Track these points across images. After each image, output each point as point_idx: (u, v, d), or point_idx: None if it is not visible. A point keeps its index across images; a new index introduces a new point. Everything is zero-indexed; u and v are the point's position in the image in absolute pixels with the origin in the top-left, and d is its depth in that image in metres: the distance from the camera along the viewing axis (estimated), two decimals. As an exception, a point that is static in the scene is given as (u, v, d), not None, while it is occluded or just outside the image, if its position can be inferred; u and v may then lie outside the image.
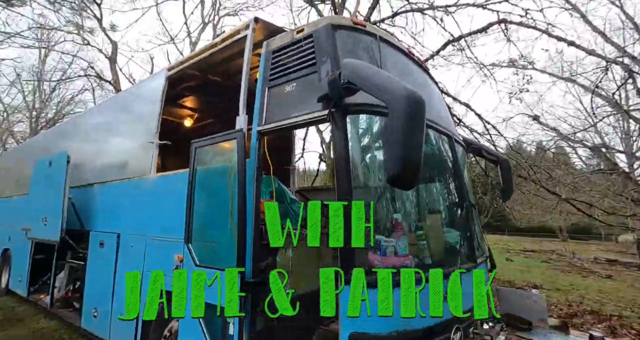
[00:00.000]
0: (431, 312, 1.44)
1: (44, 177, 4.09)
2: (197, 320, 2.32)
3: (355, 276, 1.41)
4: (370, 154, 1.89)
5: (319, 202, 1.69)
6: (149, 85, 3.56)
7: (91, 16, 10.25)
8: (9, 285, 5.41)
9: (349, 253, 1.54)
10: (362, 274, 1.46)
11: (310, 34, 2.01)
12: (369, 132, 1.87)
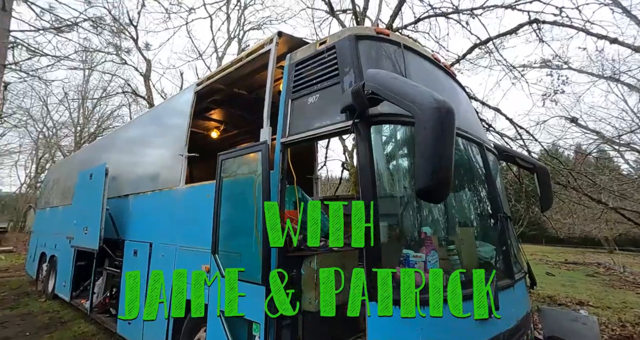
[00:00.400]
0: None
1: (85, 188, 4.38)
2: (223, 330, 2.34)
3: (381, 294, 1.36)
4: (396, 164, 1.83)
5: (341, 205, 1.65)
6: (178, 101, 3.73)
7: (128, 37, 11.05)
8: (55, 289, 5.78)
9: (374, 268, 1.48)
10: (389, 291, 1.40)
11: (333, 45, 2.01)
12: (394, 142, 1.83)
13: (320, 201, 4.63)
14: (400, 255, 1.54)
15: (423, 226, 1.63)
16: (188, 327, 2.76)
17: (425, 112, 1.15)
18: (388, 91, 1.34)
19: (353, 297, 1.54)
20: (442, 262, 1.52)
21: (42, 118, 21.48)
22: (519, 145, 5.82)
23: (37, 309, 5.34)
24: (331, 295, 2.21)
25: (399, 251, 1.60)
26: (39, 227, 7.86)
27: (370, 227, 1.53)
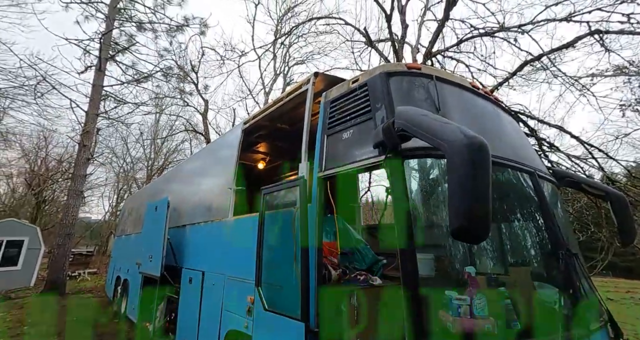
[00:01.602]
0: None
1: (152, 219, 4.91)
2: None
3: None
4: (431, 198, 1.76)
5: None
6: (228, 138, 4.09)
7: (190, 82, 12.66)
8: (126, 311, 6.38)
9: (416, 310, 1.40)
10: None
11: (365, 83, 2.08)
12: (428, 176, 1.77)
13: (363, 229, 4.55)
14: (444, 297, 1.43)
15: (466, 265, 1.50)
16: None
17: (456, 150, 1.12)
18: (417, 129, 1.34)
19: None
20: (492, 307, 1.37)
21: (122, 155, 25.02)
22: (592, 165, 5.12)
23: (112, 329, 5.92)
24: (375, 333, 2.11)
25: (441, 292, 1.49)
26: (116, 252, 8.89)
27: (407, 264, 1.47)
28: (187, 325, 3.79)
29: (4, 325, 6.19)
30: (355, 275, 2.51)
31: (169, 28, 13.90)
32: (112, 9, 12.00)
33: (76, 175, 10.51)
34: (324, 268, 2.22)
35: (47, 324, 6.28)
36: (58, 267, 9.94)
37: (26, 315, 7.06)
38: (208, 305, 3.42)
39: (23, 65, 10.84)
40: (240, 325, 2.76)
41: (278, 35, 11.90)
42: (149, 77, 13.68)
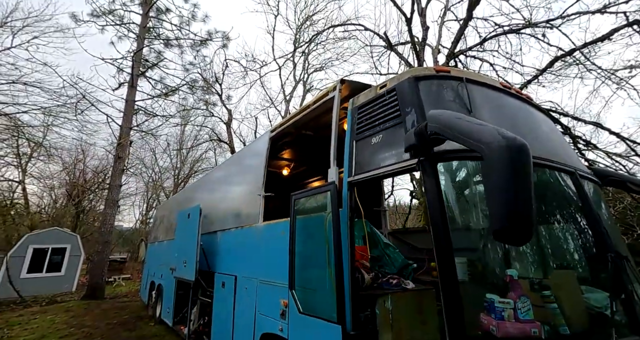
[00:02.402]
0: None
1: (184, 225, 5.13)
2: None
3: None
4: (469, 200, 1.75)
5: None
6: (255, 146, 4.23)
7: (214, 93, 13.18)
8: (161, 315, 6.66)
9: (456, 314, 1.39)
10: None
11: (393, 88, 2.12)
12: (463, 177, 1.76)
13: (389, 234, 4.52)
14: (484, 301, 1.41)
15: (507, 268, 1.47)
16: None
17: (494, 152, 1.12)
18: (452, 131, 1.35)
19: None
20: (537, 311, 1.33)
21: (151, 165, 26.27)
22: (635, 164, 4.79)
23: (148, 332, 6.19)
24: (410, 337, 2.10)
25: (481, 296, 1.47)
26: (149, 258, 9.30)
27: (445, 268, 1.46)
28: (222, 328, 3.91)
29: (53, 327, 6.65)
30: (387, 278, 2.51)
31: (193, 43, 14.62)
32: (142, 29, 12.79)
33: (112, 186, 11.17)
34: (357, 272, 2.24)
35: (90, 326, 6.67)
36: (98, 273, 10.55)
37: (71, 318, 7.54)
38: (241, 309, 3.51)
39: (65, 85, 11.79)
40: (274, 329, 2.83)
41: (297, 44, 12.18)
42: (176, 91, 14.42)
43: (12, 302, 9.93)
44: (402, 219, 11.90)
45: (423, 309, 2.27)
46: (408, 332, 2.11)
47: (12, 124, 12.51)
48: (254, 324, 3.20)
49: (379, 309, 2.18)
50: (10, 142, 14.73)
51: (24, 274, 12.46)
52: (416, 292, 2.30)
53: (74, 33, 13.19)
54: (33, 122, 13.71)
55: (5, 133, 13.24)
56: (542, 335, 1.27)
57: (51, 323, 7.02)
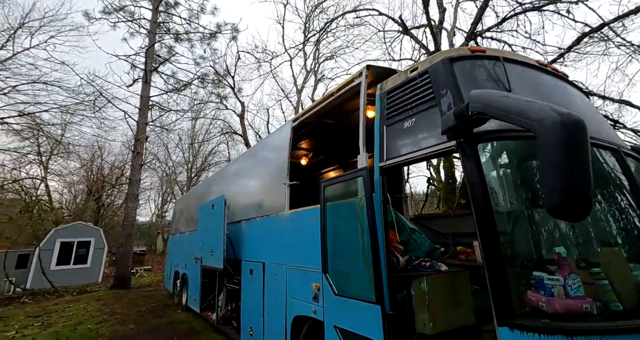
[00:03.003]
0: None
1: (208, 216, 5.27)
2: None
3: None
4: (511, 180, 1.75)
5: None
6: (278, 136, 4.27)
7: (227, 86, 13.24)
8: (187, 302, 6.93)
9: (503, 292, 1.41)
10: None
11: (426, 70, 2.10)
12: (504, 158, 1.75)
13: (411, 219, 4.54)
14: (531, 278, 1.43)
15: (553, 245, 1.48)
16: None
17: (549, 129, 1.12)
18: (499, 110, 1.34)
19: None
20: (587, 288, 1.35)
21: (165, 160, 26.77)
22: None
23: (177, 318, 6.47)
24: (445, 318, 2.15)
25: (526, 273, 1.49)
26: (172, 249, 9.61)
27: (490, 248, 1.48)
28: (251, 313, 4.06)
29: (87, 314, 7.01)
30: (419, 261, 2.55)
31: (202, 36, 14.62)
32: (153, 24, 12.86)
33: (132, 180, 11.49)
34: (392, 254, 2.28)
35: (122, 313, 7.01)
36: (123, 264, 10.98)
37: (103, 306, 7.93)
38: (271, 294, 3.63)
39: (83, 83, 12.05)
40: (307, 311, 2.92)
41: (307, 32, 12.03)
42: (188, 85, 14.55)
43: (46, 292, 10.49)
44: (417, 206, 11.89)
45: (457, 290, 2.30)
46: (443, 312, 2.16)
47: (34, 123, 12.93)
48: (285, 308, 3.31)
49: (414, 290, 2.23)
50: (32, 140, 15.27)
51: (54, 266, 13.11)
52: (450, 274, 2.34)
53: (87, 31, 13.40)
54: (53, 121, 14.12)
55: (27, 132, 13.72)
56: (594, 311, 1.29)
57: (85, 311, 7.41)
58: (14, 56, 11.66)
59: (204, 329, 5.57)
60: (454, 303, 2.24)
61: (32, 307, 8.08)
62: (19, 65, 11.86)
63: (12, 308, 8.22)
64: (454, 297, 2.26)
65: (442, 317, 2.13)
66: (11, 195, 15.83)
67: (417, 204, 12.87)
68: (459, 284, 2.32)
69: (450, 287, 2.27)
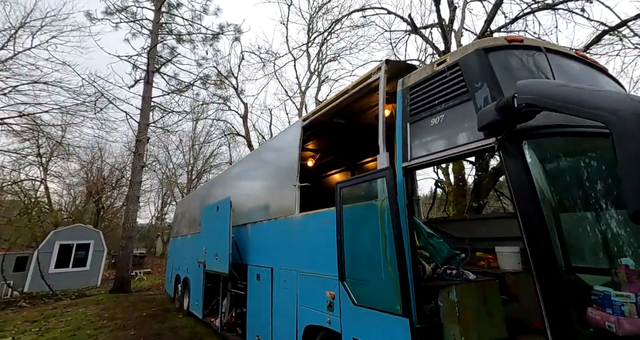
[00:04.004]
0: None
1: (212, 219, 5.10)
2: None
3: None
4: (563, 181, 1.58)
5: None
6: (287, 136, 4.11)
7: (229, 86, 13.11)
8: (189, 307, 6.73)
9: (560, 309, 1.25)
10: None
11: (456, 63, 1.95)
12: (555, 156, 1.59)
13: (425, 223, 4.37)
14: (592, 293, 1.27)
15: (616, 256, 1.32)
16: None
17: (628, 121, 0.96)
18: (556, 101, 1.19)
19: None
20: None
21: (165, 162, 26.59)
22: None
23: (179, 324, 6.27)
24: (477, 331, 1.98)
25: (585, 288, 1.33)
26: (173, 252, 9.42)
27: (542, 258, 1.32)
28: (258, 320, 3.88)
29: (86, 319, 6.82)
30: (443, 269, 2.38)
31: (205, 37, 14.52)
32: (155, 24, 12.76)
33: (133, 182, 11.32)
34: (417, 262, 2.12)
35: (122, 318, 6.81)
36: (123, 267, 10.78)
37: (102, 310, 7.73)
38: (280, 301, 3.45)
39: (84, 83, 11.93)
40: (321, 321, 2.75)
41: (311, 33, 11.92)
42: (190, 86, 14.43)
43: (44, 295, 10.28)
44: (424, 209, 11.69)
45: (487, 300, 2.13)
46: (475, 325, 1.99)
47: (34, 123, 12.79)
48: (296, 316, 3.13)
49: (442, 301, 2.06)
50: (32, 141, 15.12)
51: (52, 269, 12.88)
52: (480, 283, 2.17)
53: (89, 31, 13.31)
54: (53, 122, 13.98)
55: (27, 133, 13.57)
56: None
57: (84, 315, 7.21)
58: (15, 56, 11.55)
59: (207, 335, 5.38)
60: (485, 313, 2.07)
61: (29, 312, 7.88)
62: (19, 65, 11.76)
63: (9, 312, 8.02)
64: (485, 308, 2.09)
65: (474, 330, 1.96)
66: (10, 197, 15.65)
67: (423, 207, 12.63)
68: (489, 294, 2.15)
69: (480, 297, 2.10)
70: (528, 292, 2.64)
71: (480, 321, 2.02)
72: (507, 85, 1.66)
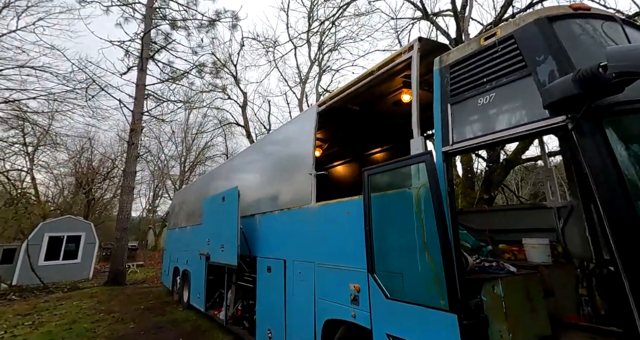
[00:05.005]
0: None
1: (217, 209, 4.88)
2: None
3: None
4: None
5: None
6: (300, 123, 3.91)
7: (229, 75, 12.71)
8: (189, 300, 6.54)
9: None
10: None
11: (510, 35, 1.78)
12: (636, 137, 1.44)
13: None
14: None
15: None
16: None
17: None
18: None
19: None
20: None
21: (157, 153, 25.96)
22: None
23: (179, 317, 6.09)
24: (524, 327, 1.86)
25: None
26: (170, 245, 9.16)
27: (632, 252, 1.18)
28: (270, 314, 3.72)
29: (82, 312, 6.58)
30: (481, 261, 2.25)
31: (200, 24, 14.00)
32: (150, 9, 12.21)
33: (127, 172, 10.95)
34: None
35: (119, 311, 6.59)
36: (118, 260, 10.50)
37: (97, 303, 7.48)
38: (296, 294, 3.30)
39: (74, 69, 11.39)
40: (344, 315, 2.60)
41: (311, 21, 11.57)
42: (186, 74, 13.94)
43: (35, 288, 9.95)
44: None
45: (531, 294, 2.01)
46: (522, 321, 1.86)
47: (20, 110, 12.22)
48: (314, 310, 2.98)
49: (486, 295, 1.92)
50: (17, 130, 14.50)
51: (42, 261, 12.49)
52: (523, 276, 2.04)
53: (79, 14, 12.65)
54: (41, 109, 13.38)
55: (12, 121, 12.98)
56: None
57: (79, 308, 6.97)
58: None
59: (211, 328, 5.22)
60: (529, 310, 1.95)
61: (20, 305, 7.58)
62: (4, 48, 11.14)
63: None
64: (528, 303, 1.96)
65: (521, 327, 1.84)
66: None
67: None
68: (531, 288, 2.03)
69: (524, 291, 1.98)
70: (562, 285, 2.55)
71: (525, 317, 1.90)
72: (578, 56, 1.50)
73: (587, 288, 2.58)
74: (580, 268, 2.63)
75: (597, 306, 2.52)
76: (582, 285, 2.61)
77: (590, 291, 2.58)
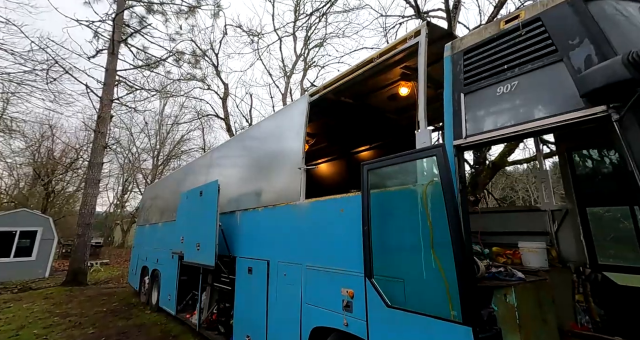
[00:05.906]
0: None
1: (193, 205, 4.48)
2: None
3: None
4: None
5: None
6: (291, 113, 3.62)
7: (209, 64, 12.08)
8: (159, 302, 6.05)
9: None
10: None
11: (537, 18, 1.61)
12: None
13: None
14: None
15: None
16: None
17: None
18: None
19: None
20: None
21: (128, 145, 24.47)
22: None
23: (147, 320, 5.60)
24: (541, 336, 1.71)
25: None
26: (139, 242, 8.52)
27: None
28: (249, 318, 3.42)
29: (32, 316, 5.89)
30: (489, 266, 2.09)
31: (179, 10, 13.22)
32: (124, -13, 11.33)
33: (93, 163, 10.10)
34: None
35: (77, 315, 5.98)
36: (79, 258, 9.67)
37: (52, 306, 6.78)
38: (279, 298, 3.03)
39: (34, 47, 10.32)
40: (335, 323, 2.37)
41: (298, 13, 11.24)
42: (162, 62, 13.11)
43: (-21, 289, 8.92)
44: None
45: (542, 303, 1.87)
46: (534, 333, 1.71)
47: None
48: (300, 316, 2.73)
49: (497, 305, 1.76)
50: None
51: (-11, 258, 11.31)
52: (534, 284, 1.89)
53: (41, -13, 11.52)
54: (-6, 90, 12.09)
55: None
56: None
57: (29, 312, 6.25)
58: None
59: (182, 333, 4.82)
60: (541, 320, 1.80)
61: (-41, 308, 6.71)
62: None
63: None
64: (539, 313, 1.82)
65: (535, 339, 1.68)
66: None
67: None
68: (542, 296, 1.89)
69: (536, 300, 1.84)
70: (559, 291, 2.46)
71: (538, 328, 1.75)
72: (617, 40, 1.35)
73: (583, 294, 2.52)
74: (576, 273, 2.56)
75: (592, 313, 2.46)
76: (579, 291, 2.54)
77: (585, 297, 2.52)
